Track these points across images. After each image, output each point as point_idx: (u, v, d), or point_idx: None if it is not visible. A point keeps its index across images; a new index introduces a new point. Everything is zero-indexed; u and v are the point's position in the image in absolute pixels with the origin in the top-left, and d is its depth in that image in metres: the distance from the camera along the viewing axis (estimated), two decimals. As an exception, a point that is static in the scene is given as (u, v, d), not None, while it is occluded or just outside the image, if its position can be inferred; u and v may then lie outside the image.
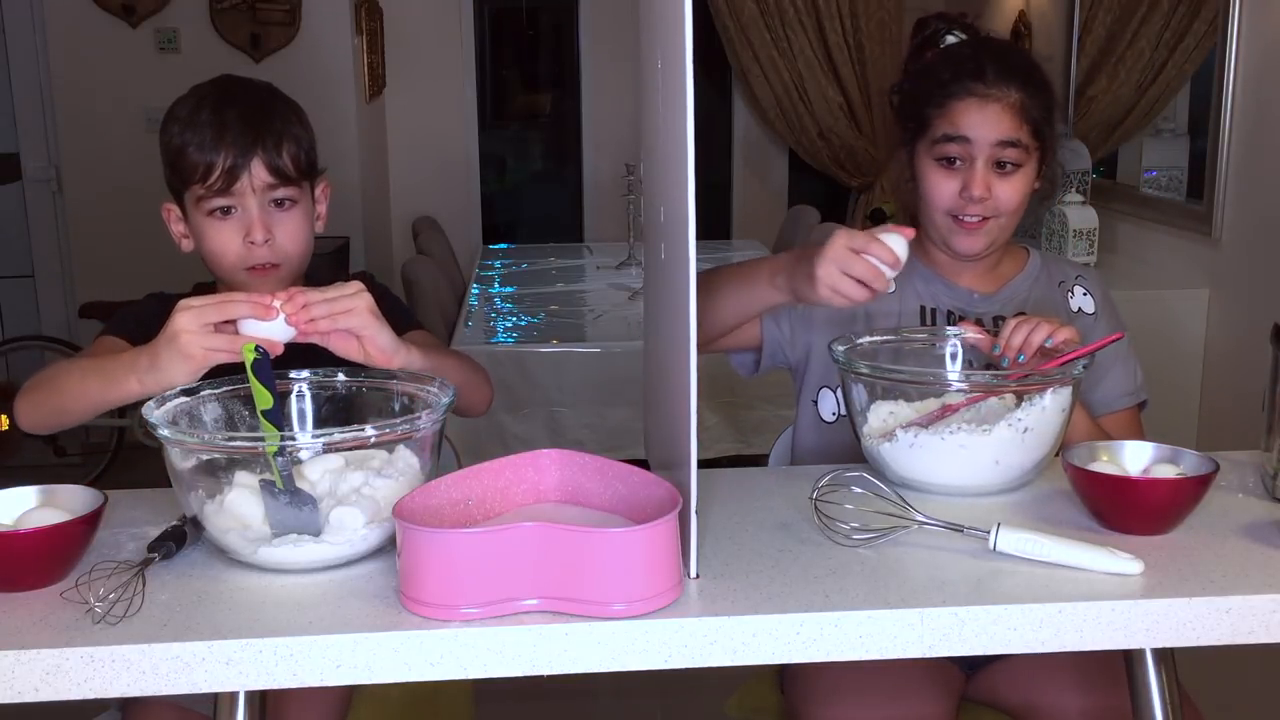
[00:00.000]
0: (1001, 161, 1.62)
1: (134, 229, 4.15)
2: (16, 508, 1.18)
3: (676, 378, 1.13)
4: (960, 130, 1.61)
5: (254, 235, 1.53)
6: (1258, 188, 3.28)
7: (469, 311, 3.86)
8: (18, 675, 1.01)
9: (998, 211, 1.63)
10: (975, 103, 1.61)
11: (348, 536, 1.17)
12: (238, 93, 1.56)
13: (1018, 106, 1.61)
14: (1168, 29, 3.77)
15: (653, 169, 1.28)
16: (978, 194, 1.61)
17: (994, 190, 1.62)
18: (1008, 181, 1.62)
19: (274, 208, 1.55)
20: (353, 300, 1.31)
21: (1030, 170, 1.64)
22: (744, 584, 1.12)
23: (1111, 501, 1.23)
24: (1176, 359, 3.52)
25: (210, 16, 4.54)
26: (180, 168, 1.53)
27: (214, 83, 1.59)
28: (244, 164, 1.51)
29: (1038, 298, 1.72)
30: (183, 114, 1.54)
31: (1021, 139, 1.61)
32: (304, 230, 1.59)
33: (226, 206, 1.53)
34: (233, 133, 1.50)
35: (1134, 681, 1.23)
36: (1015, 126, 1.61)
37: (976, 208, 1.62)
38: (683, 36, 1.02)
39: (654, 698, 2.78)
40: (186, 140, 1.51)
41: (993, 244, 1.67)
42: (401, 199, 5.67)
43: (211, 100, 1.53)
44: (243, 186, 1.51)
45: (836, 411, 1.70)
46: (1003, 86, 1.61)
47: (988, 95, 1.61)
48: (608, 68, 5.73)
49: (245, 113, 1.53)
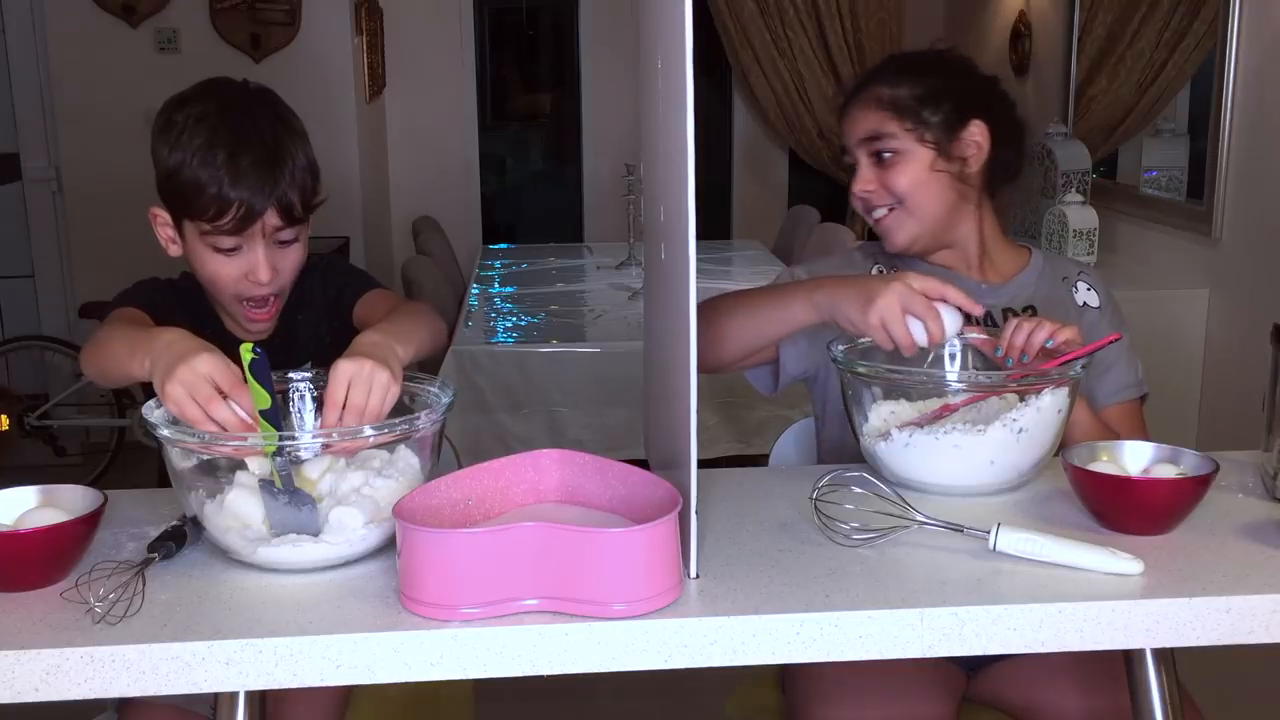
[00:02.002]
0: (878, 153, 1.67)
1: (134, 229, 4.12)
2: (16, 508, 1.18)
3: (676, 378, 1.14)
4: (844, 142, 1.74)
5: (259, 276, 1.53)
6: (1258, 188, 3.28)
7: (469, 311, 3.86)
8: (18, 675, 1.01)
9: (894, 197, 1.67)
10: (847, 116, 1.73)
11: (346, 537, 1.17)
12: (246, 124, 1.51)
13: (877, 102, 1.67)
14: (1168, 29, 3.77)
15: (653, 169, 1.28)
16: (857, 189, 1.69)
17: (882, 181, 1.67)
18: (892, 170, 1.66)
19: (277, 245, 1.55)
20: (384, 400, 1.24)
21: (920, 155, 1.65)
22: (744, 584, 1.12)
23: (1111, 501, 1.23)
24: (1176, 359, 3.52)
25: (210, 16, 4.54)
26: (188, 201, 1.49)
27: (215, 97, 1.54)
28: (258, 211, 1.49)
29: (1045, 293, 1.73)
30: (193, 144, 1.49)
31: (884, 129, 1.66)
32: (301, 258, 1.59)
33: (232, 246, 1.52)
34: (249, 179, 1.47)
35: (1134, 681, 1.23)
36: (877, 120, 1.67)
37: (872, 200, 1.69)
38: (683, 36, 1.02)
39: (654, 698, 2.78)
40: (199, 178, 1.48)
41: (918, 235, 1.68)
42: (401, 199, 5.67)
43: (225, 137, 1.49)
44: (253, 230, 1.50)
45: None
46: (867, 91, 1.70)
47: (852, 104, 1.72)
48: (608, 68, 5.73)
49: (261, 156, 1.49)
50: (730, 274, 4.45)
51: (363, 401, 1.22)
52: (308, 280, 1.66)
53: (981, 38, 5.29)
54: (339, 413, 1.21)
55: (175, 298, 1.63)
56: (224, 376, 1.20)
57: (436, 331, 1.54)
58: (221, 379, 1.20)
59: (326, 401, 1.22)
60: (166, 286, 1.65)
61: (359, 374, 1.22)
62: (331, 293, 1.66)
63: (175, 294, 1.64)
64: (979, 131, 1.66)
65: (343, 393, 1.22)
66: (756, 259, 4.77)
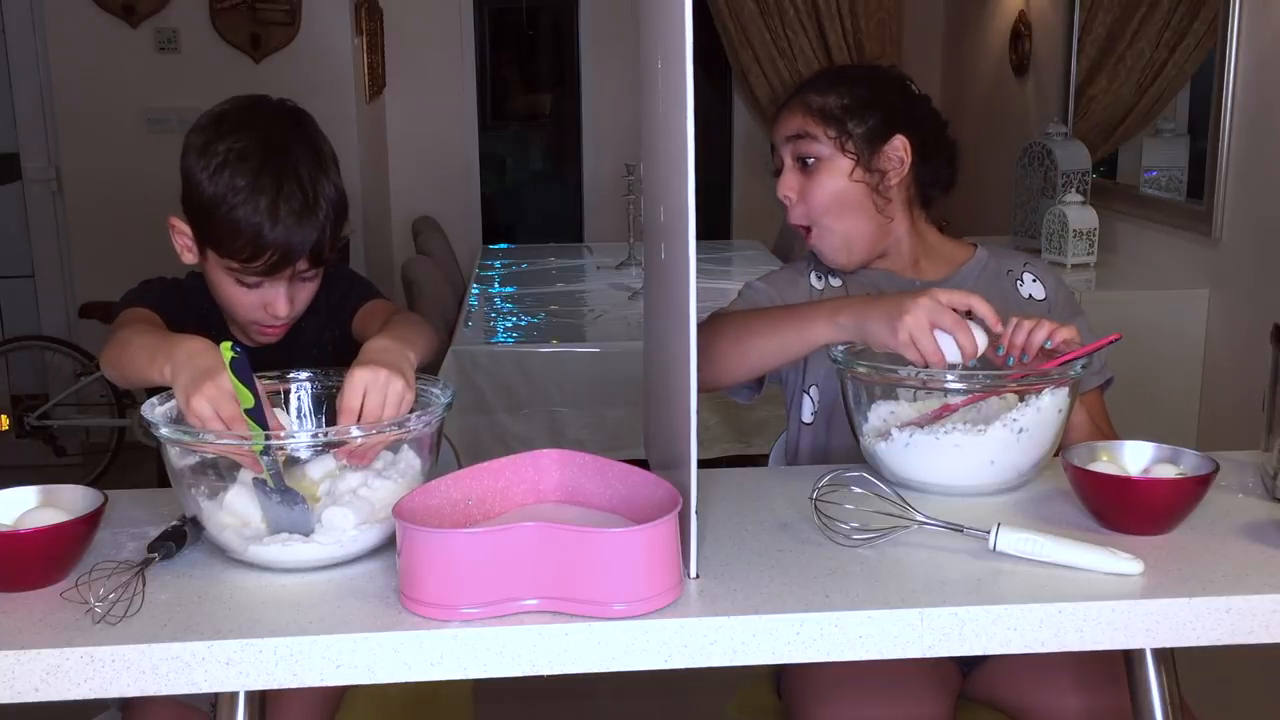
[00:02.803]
0: (802, 158, 1.67)
1: (134, 229, 4.14)
2: (16, 508, 1.18)
3: (676, 378, 1.14)
4: (771, 141, 1.72)
5: (278, 311, 1.53)
6: (1258, 188, 3.28)
7: (469, 311, 3.86)
8: (18, 675, 1.01)
9: (811, 214, 1.68)
10: (777, 119, 1.72)
11: (337, 537, 1.17)
12: (291, 171, 1.48)
13: (805, 107, 1.68)
14: (1168, 29, 3.77)
15: (653, 169, 1.28)
16: (780, 191, 1.69)
17: (803, 191, 1.67)
18: (814, 178, 1.67)
19: (299, 281, 1.55)
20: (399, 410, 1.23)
21: (841, 164, 1.66)
22: (744, 584, 1.12)
23: (1111, 501, 1.23)
24: (1176, 359, 3.52)
25: (210, 16, 4.54)
26: (220, 239, 1.48)
27: (263, 142, 1.49)
28: (290, 260, 1.49)
29: (985, 286, 1.71)
30: (235, 183, 1.46)
31: (809, 131, 1.66)
32: (316, 288, 1.59)
33: (256, 283, 1.52)
34: (286, 229, 1.46)
35: (1134, 682, 1.23)
36: (802, 123, 1.67)
37: (793, 214, 1.69)
38: (683, 36, 1.02)
39: (654, 698, 2.78)
40: (237, 220, 1.45)
41: (847, 247, 1.69)
42: (401, 199, 5.67)
43: (269, 181, 1.46)
44: (280, 274, 1.50)
45: (815, 411, 1.72)
46: (798, 96, 1.70)
47: (783, 108, 1.71)
48: (608, 68, 5.73)
49: (300, 205, 1.47)
50: (730, 274, 4.45)
51: (379, 409, 1.22)
52: None
53: (981, 38, 5.29)
54: (355, 420, 1.21)
55: (182, 299, 1.63)
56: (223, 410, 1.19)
57: (434, 342, 1.55)
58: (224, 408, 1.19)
59: (342, 409, 1.22)
60: (174, 286, 1.65)
61: (374, 382, 1.22)
62: (335, 299, 1.66)
63: (182, 294, 1.64)
64: (901, 146, 1.67)
65: (358, 400, 1.21)
66: (756, 259, 4.77)
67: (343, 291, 1.67)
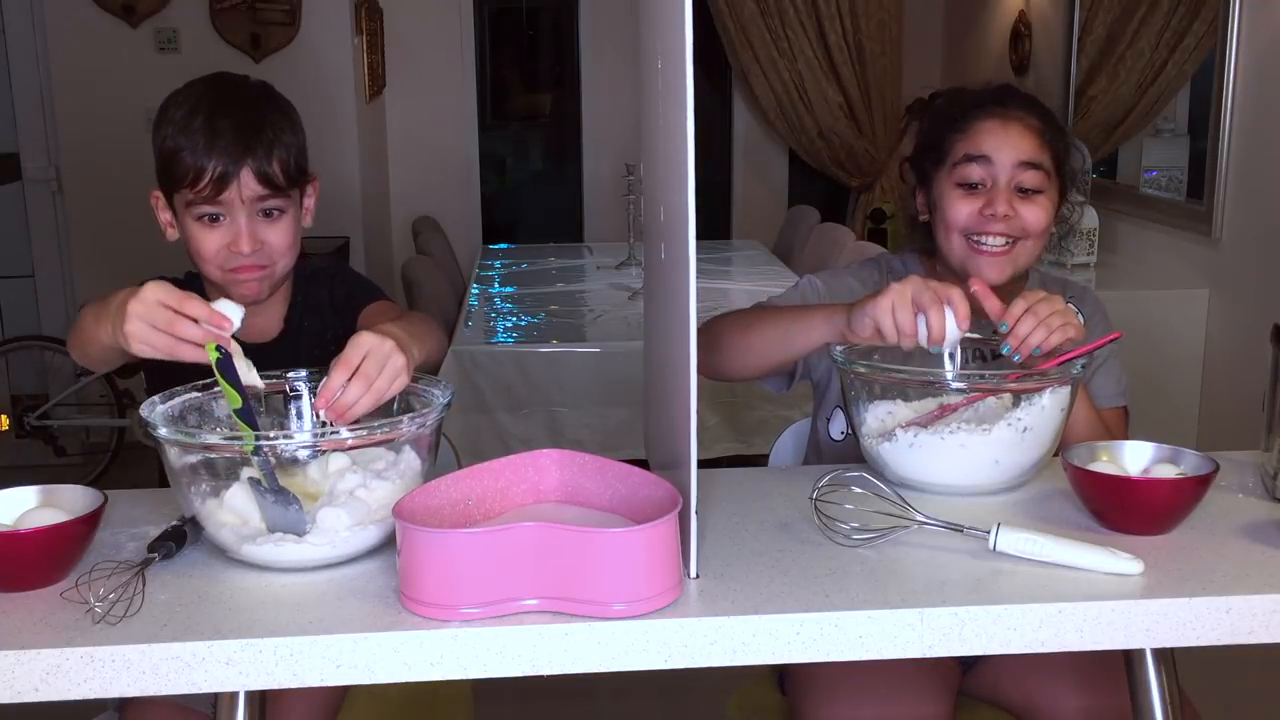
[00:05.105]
0: (1023, 187, 1.60)
1: (134, 229, 4.13)
2: (16, 508, 1.18)
3: (676, 378, 1.14)
4: (982, 149, 1.59)
5: (240, 246, 1.53)
6: (1258, 188, 3.28)
7: (469, 311, 3.86)
8: (18, 675, 1.01)
9: (1024, 233, 1.60)
10: (997, 124, 1.60)
11: (330, 538, 1.16)
12: (231, 97, 1.56)
13: (1038, 130, 1.60)
14: (1168, 29, 3.77)
15: (653, 169, 1.28)
16: (1001, 210, 1.58)
17: (1019, 211, 1.59)
18: (1033, 204, 1.60)
19: (262, 217, 1.55)
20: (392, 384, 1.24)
21: (1051, 201, 1.62)
22: (744, 584, 1.12)
23: (1111, 501, 1.23)
24: (1176, 359, 3.52)
25: (210, 16, 4.54)
26: (171, 170, 1.53)
27: (209, 82, 1.58)
28: (233, 173, 1.51)
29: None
30: (177, 116, 1.53)
31: (1043, 163, 1.60)
32: (291, 235, 1.59)
33: (215, 214, 1.53)
34: (224, 141, 1.50)
35: (1134, 681, 1.23)
36: (1036, 149, 1.60)
37: (1000, 226, 1.58)
38: (683, 36, 1.02)
39: (654, 698, 2.78)
40: (179, 144, 1.51)
41: (1016, 272, 1.64)
42: (401, 199, 5.67)
43: (206, 105, 1.53)
44: (231, 195, 1.51)
45: (845, 431, 1.69)
46: (1023, 111, 1.61)
47: (1009, 116, 1.60)
48: (608, 68, 5.73)
49: (238, 121, 1.52)
50: (730, 274, 4.45)
51: (375, 374, 1.21)
52: (314, 287, 1.67)
53: (981, 38, 5.29)
54: (348, 374, 1.20)
55: None
56: (173, 296, 1.21)
57: (441, 346, 1.56)
58: (171, 299, 1.20)
59: (338, 363, 1.21)
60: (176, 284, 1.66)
61: (378, 348, 1.22)
62: (339, 299, 1.66)
63: None
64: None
65: (358, 358, 1.21)
66: (756, 259, 4.77)
67: (346, 291, 1.67)
